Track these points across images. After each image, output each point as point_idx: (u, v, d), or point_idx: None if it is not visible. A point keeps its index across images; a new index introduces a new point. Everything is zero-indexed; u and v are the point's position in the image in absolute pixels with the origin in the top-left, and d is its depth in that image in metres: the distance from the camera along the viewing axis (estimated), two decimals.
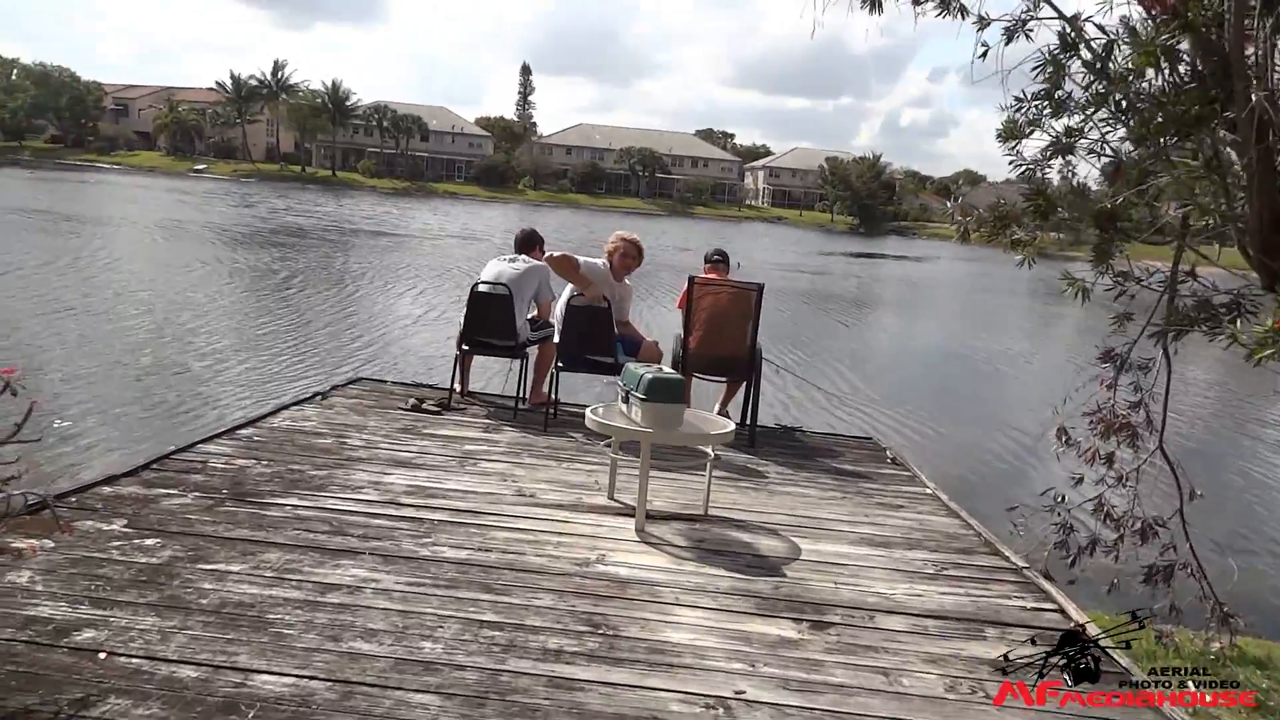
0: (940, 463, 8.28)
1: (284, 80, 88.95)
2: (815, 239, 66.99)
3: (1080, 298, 4.20)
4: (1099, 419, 4.14)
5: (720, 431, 4.09)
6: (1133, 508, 4.28)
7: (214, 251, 23.70)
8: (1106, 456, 4.29)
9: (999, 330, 23.17)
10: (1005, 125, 4.20)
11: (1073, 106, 4.10)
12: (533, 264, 6.43)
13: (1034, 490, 7.94)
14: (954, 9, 4.30)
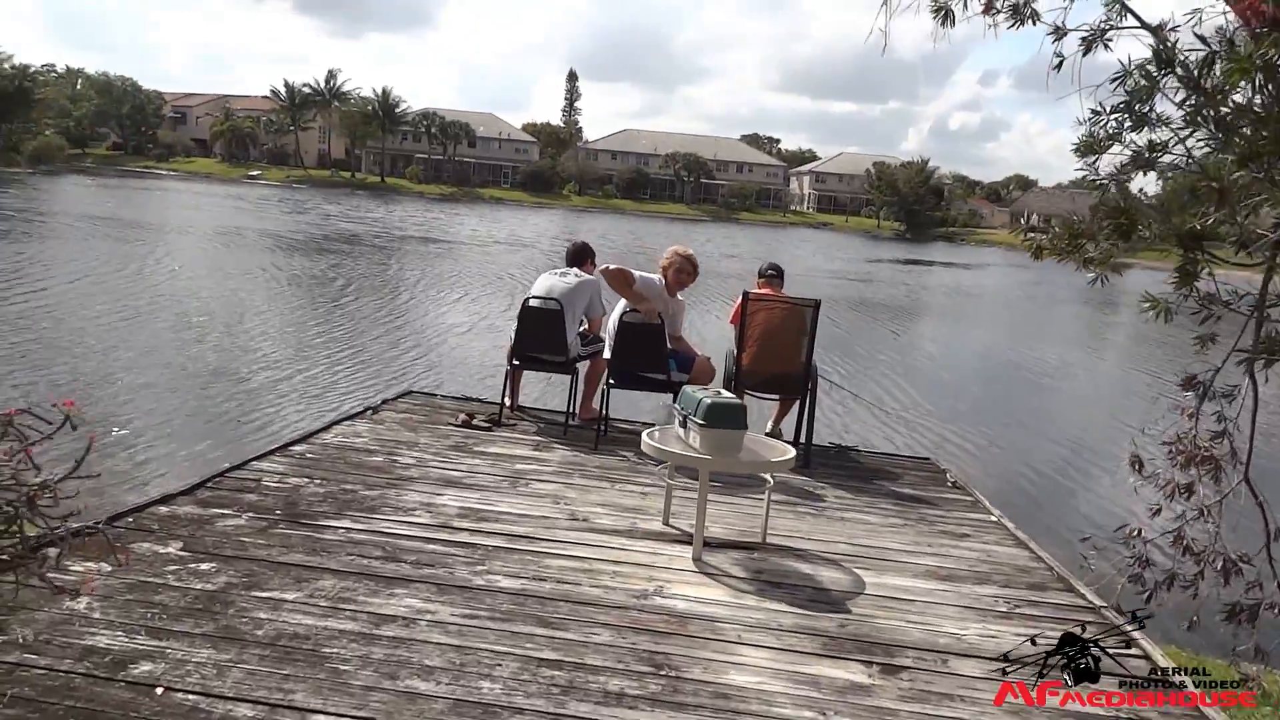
0: (1000, 485, 8.03)
1: (336, 88, 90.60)
2: (861, 245, 66.23)
3: (1163, 317, 4.02)
4: (1179, 450, 3.93)
5: (781, 459, 3.96)
6: (1214, 543, 4.06)
7: (270, 259, 24.13)
8: (1186, 488, 4.07)
9: (1054, 340, 22.61)
10: (1083, 140, 4.03)
11: (1155, 120, 3.93)
12: (584, 278, 6.36)
13: (1101, 514, 7.70)
14: (1028, 17, 4.16)
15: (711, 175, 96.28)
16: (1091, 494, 8.65)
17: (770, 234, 72.17)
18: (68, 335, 12.16)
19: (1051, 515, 7.59)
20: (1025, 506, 7.53)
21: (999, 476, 8.65)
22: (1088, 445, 10.71)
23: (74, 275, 17.79)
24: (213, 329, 13.47)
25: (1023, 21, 4.20)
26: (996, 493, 6.58)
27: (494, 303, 19.07)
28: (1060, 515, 7.66)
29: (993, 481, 7.99)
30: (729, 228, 76.44)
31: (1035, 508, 7.79)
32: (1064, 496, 8.43)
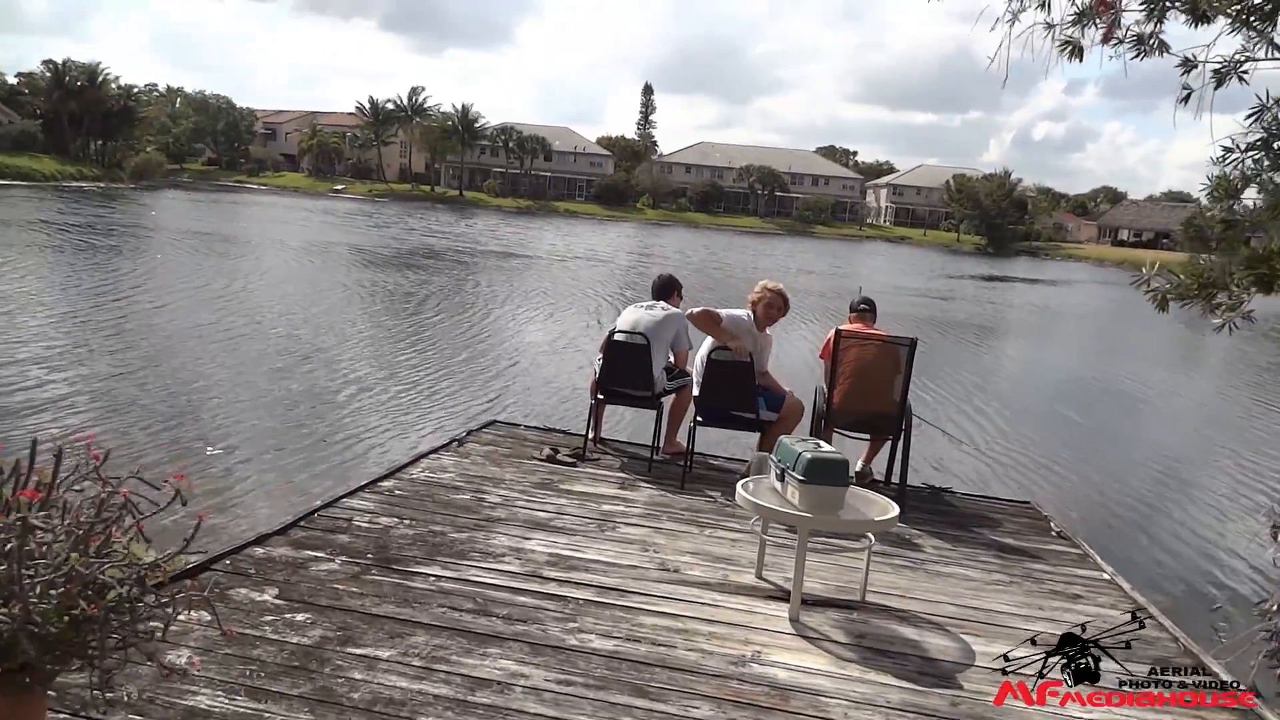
0: (1107, 533, 7.61)
1: (419, 104, 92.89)
2: (940, 260, 64.75)
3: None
4: None
5: (884, 517, 3.78)
6: None
7: (360, 275, 24.72)
8: None
9: (1153, 362, 21.61)
10: (1217, 182, 3.77)
11: None
12: (671, 311, 6.27)
13: (1223, 572, 7.23)
14: (1154, 49, 3.93)
15: (786, 188, 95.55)
16: (1208, 545, 8.12)
17: (846, 248, 71.15)
18: (170, 351, 12.61)
19: (1168, 568, 7.15)
20: (1137, 558, 7.10)
21: (1101, 520, 8.20)
22: (1198, 483, 10.14)
23: (177, 291, 18.52)
24: (304, 346, 13.79)
25: (1148, 53, 3.98)
26: (1100, 539, 6.22)
27: (576, 320, 19.14)
28: (1179, 568, 7.22)
29: (1094, 527, 7.57)
30: (803, 241, 75.66)
31: (1148, 560, 7.34)
32: (1179, 545, 7.93)
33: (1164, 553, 7.77)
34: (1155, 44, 3.91)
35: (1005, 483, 9.00)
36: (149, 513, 2.17)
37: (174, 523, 2.63)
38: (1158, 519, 8.72)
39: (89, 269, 20.99)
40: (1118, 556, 5.78)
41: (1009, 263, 68.77)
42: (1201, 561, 7.61)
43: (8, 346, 11.98)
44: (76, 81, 72.24)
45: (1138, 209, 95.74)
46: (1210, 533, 8.45)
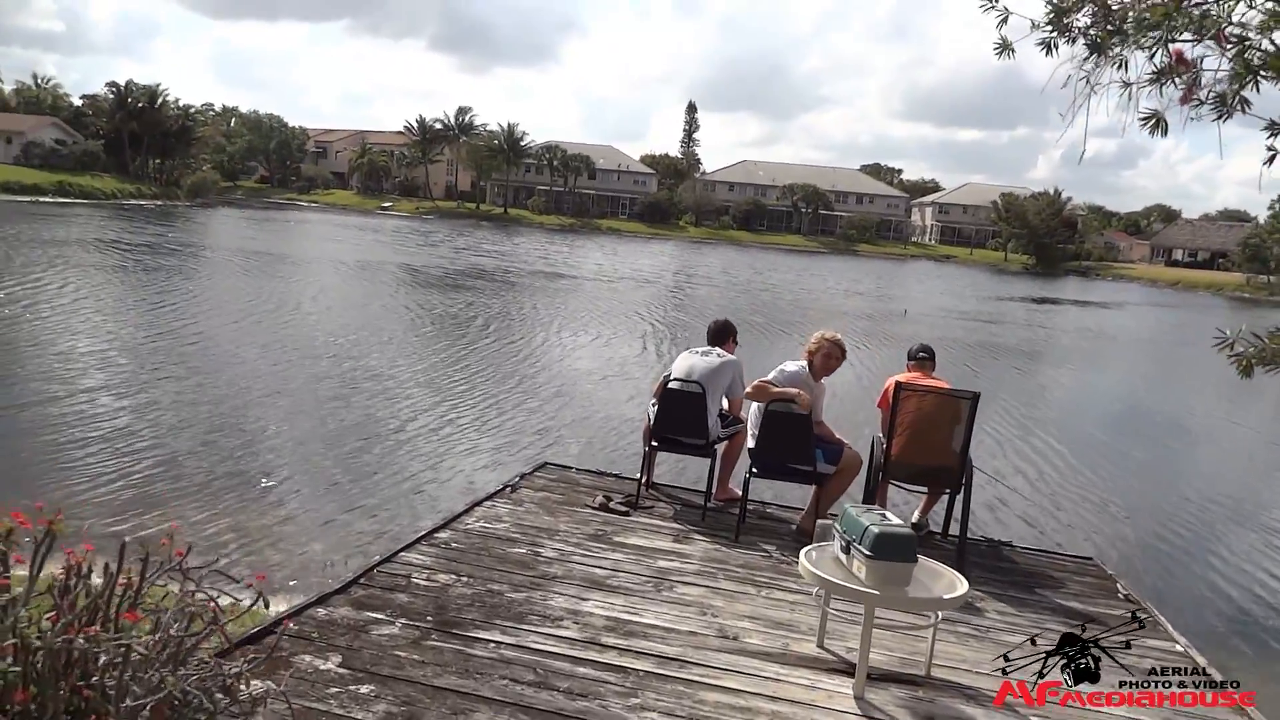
0: (1178, 590, 7.37)
1: (465, 123, 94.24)
2: (987, 280, 63.82)
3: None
4: None
5: (952, 595, 3.69)
6: None
7: (412, 296, 25.07)
8: None
9: (1214, 394, 20.99)
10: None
11: None
12: (726, 358, 6.24)
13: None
14: (1235, 108, 3.81)
15: (830, 206, 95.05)
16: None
17: (890, 267, 70.50)
18: (228, 378, 12.87)
19: (1239, 631, 6.89)
20: (1216, 625, 6.86)
21: (1177, 579, 7.94)
22: (1262, 525, 9.80)
23: (236, 313, 18.94)
24: (359, 373, 13.99)
25: (1230, 114, 3.87)
26: (1178, 606, 6.03)
27: (625, 346, 19.18)
28: (1251, 632, 6.96)
29: (1168, 586, 7.34)
30: (847, 260, 75.13)
31: (1227, 627, 7.08)
32: (1261, 609, 7.64)
33: (1236, 608, 7.49)
34: (1238, 103, 3.81)
35: (1062, 528, 8.78)
36: (228, 617, 2.18)
37: (236, 571, 2.66)
38: (1230, 570, 8.42)
39: (155, 291, 21.57)
40: (1190, 617, 5.59)
41: (1058, 283, 67.58)
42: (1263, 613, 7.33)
43: (76, 375, 12.33)
44: (138, 103, 74.52)
45: (1192, 228, 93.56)
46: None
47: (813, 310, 31.14)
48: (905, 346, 6.95)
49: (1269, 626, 7.26)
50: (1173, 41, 3.82)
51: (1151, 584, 7.27)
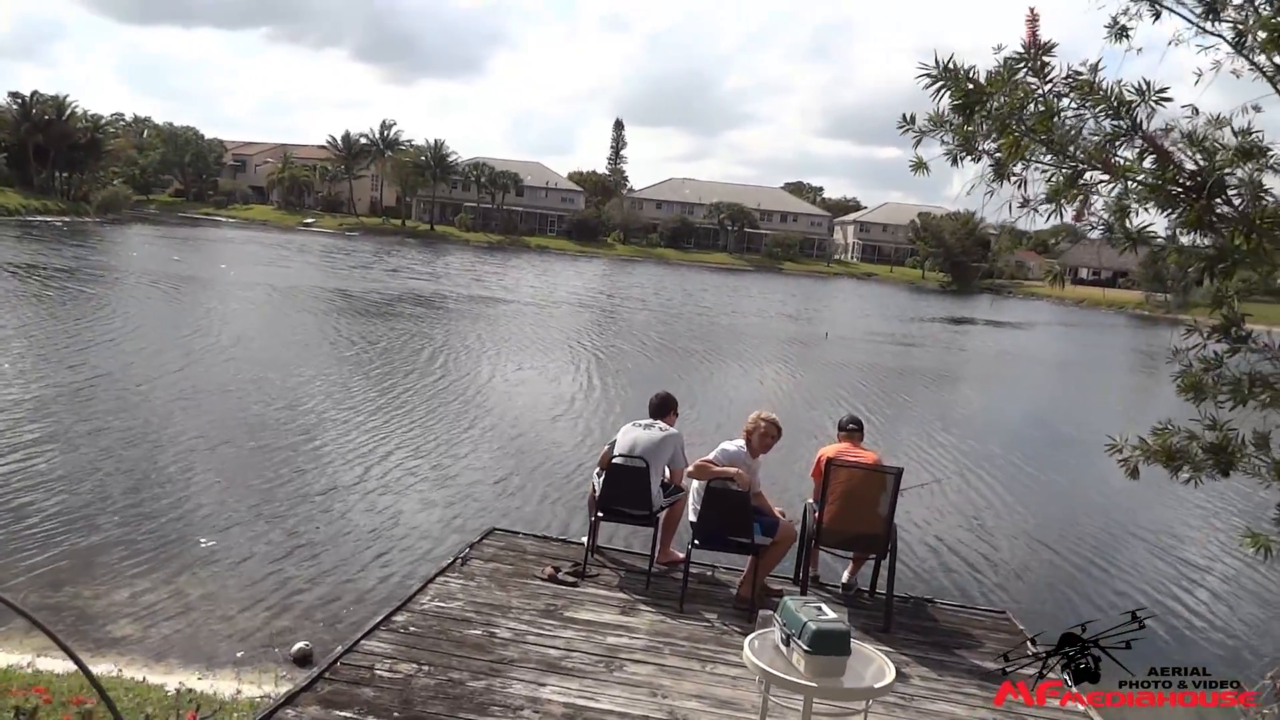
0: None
1: (391, 138, 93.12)
2: (907, 299, 65.97)
3: (1263, 554, 4.09)
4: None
5: (882, 684, 4.06)
6: None
7: (351, 327, 24.80)
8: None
9: (1123, 418, 22.23)
10: (1186, 380, 4.14)
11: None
12: (669, 432, 6.56)
13: None
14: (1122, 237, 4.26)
15: (755, 224, 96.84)
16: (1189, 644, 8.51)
17: (815, 286, 72.24)
18: (157, 428, 12.65)
19: None
20: None
21: (1070, 615, 8.57)
22: (1171, 573, 10.59)
23: (160, 353, 18.47)
24: (296, 419, 13.88)
25: (1117, 242, 4.34)
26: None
27: (571, 381, 19.39)
28: None
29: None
30: (773, 278, 76.69)
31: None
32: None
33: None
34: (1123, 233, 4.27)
35: (980, 572, 9.36)
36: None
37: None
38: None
39: (82, 323, 20.88)
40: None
41: (973, 301, 70.19)
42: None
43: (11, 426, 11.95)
44: (44, 115, 71.59)
45: (1097, 249, 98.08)
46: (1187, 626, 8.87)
47: (747, 335, 31.91)
48: (826, 372, 7.42)
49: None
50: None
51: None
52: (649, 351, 25.50)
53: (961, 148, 4.61)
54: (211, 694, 5.76)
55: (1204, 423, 4.02)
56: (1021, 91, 3.42)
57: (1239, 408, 4.05)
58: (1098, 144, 3.68)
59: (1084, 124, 3.67)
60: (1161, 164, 3.39)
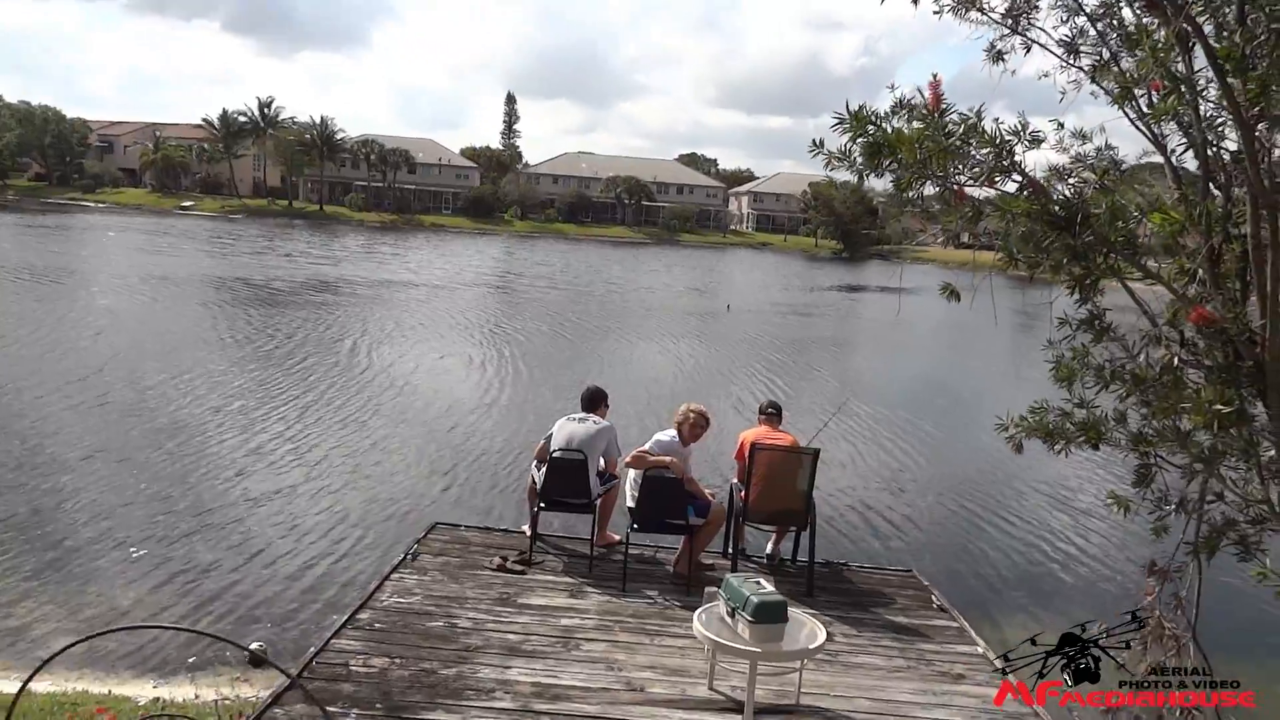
0: (968, 589, 8.86)
1: (272, 116, 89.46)
2: (802, 267, 67.98)
3: (1123, 513, 4.84)
4: (1143, 634, 4.74)
5: (815, 644, 4.65)
6: None
7: (264, 319, 24.00)
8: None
9: (1007, 379, 23.81)
10: (1061, 370, 4.82)
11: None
12: (602, 425, 7.01)
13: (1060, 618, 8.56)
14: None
15: (652, 197, 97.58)
16: (1048, 589, 9.55)
17: (713, 257, 73.50)
18: (53, 435, 12.30)
19: (1015, 621, 8.44)
20: (994, 615, 8.36)
21: (968, 575, 9.50)
22: (1039, 526, 11.71)
23: (40, 363, 17.71)
24: (215, 423, 13.67)
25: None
26: (969, 604, 7.42)
27: (495, 370, 19.38)
28: (1023, 618, 8.53)
29: (963, 583, 8.83)
30: (672, 250, 77.61)
31: (1002, 614, 8.62)
32: (1021, 594, 9.32)
33: (1006, 598, 9.12)
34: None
35: (882, 531, 10.20)
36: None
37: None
38: (1002, 566, 10.13)
39: None
40: (977, 614, 6.92)
41: (864, 268, 72.87)
42: (1037, 606, 8.99)
43: None
44: None
45: None
46: (1044, 570, 9.93)
47: (657, 310, 32.60)
48: (730, 346, 7.99)
49: (1039, 605, 8.90)
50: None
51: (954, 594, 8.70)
52: (569, 333, 25.83)
53: (866, 168, 5.18)
54: (180, 701, 5.93)
55: (1073, 402, 4.70)
56: (924, 142, 3.94)
57: (1102, 390, 4.77)
58: (980, 175, 4.27)
59: (969, 160, 4.26)
60: (1037, 196, 3.99)
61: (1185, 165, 4.74)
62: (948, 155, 3.92)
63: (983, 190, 4.47)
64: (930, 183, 4.64)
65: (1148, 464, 4.84)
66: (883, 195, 5.44)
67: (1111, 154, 4.30)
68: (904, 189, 4.32)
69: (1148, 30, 4.27)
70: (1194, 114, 4.28)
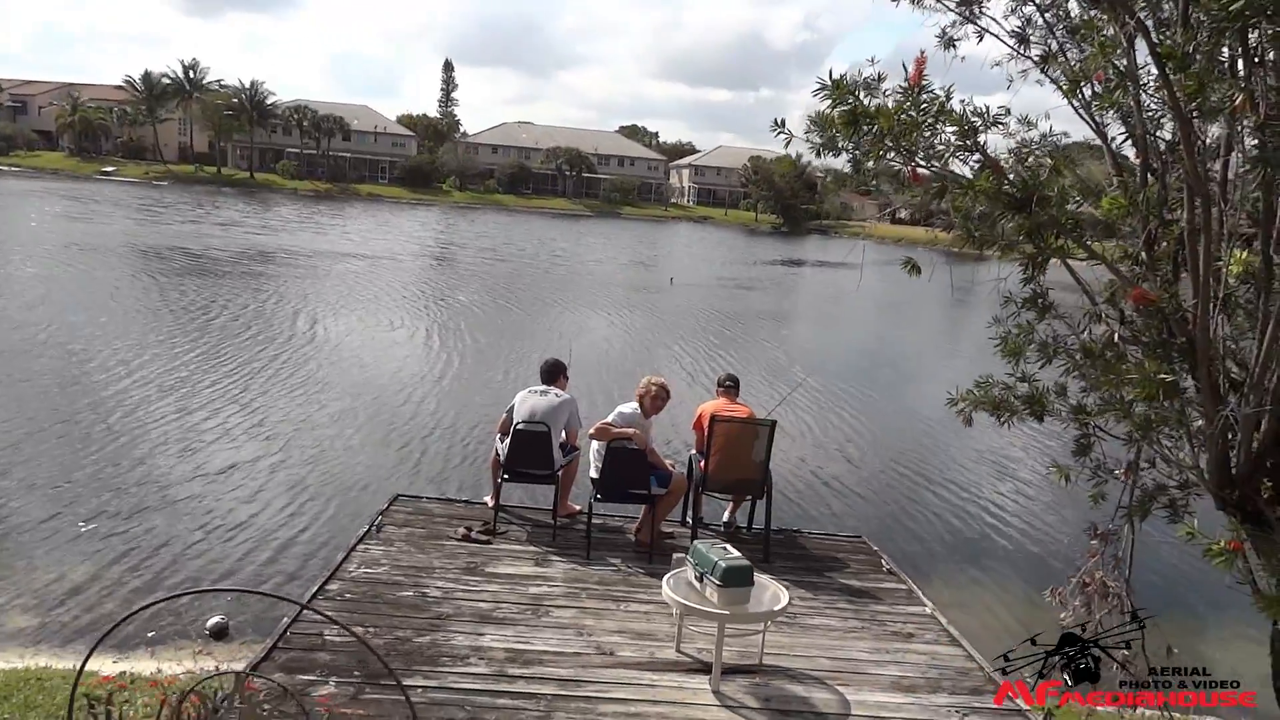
0: (914, 553, 9.26)
1: (198, 79, 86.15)
2: (742, 242, 68.50)
3: (1064, 481, 5.16)
4: (1085, 590, 5.09)
5: (779, 606, 4.89)
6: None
7: (211, 291, 23.20)
8: (1078, 608, 5.25)
9: (945, 353, 24.55)
10: (1008, 346, 5.10)
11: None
12: (564, 397, 7.13)
13: (1001, 583, 9.03)
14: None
15: (593, 169, 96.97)
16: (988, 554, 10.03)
17: (655, 230, 73.59)
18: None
19: (955, 579, 8.87)
20: (937, 573, 8.78)
21: (913, 540, 9.91)
22: (971, 485, 12.24)
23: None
24: (166, 397, 13.37)
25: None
26: (915, 563, 7.80)
27: (453, 343, 19.19)
28: (966, 579, 8.97)
29: (910, 548, 9.24)
30: (614, 224, 77.45)
31: (946, 575, 9.06)
32: (963, 556, 9.79)
33: (948, 558, 9.57)
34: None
35: (830, 495, 10.57)
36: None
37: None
38: (940, 524, 10.61)
39: None
40: (922, 571, 7.28)
41: (803, 243, 73.75)
42: (981, 569, 9.46)
43: None
44: None
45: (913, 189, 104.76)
46: (983, 530, 10.42)
47: (607, 284, 32.70)
48: (674, 318, 8.17)
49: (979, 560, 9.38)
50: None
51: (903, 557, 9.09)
52: (517, 305, 25.70)
53: (826, 147, 5.36)
54: (144, 675, 5.91)
55: (1016, 377, 4.99)
56: (902, 116, 4.11)
57: (1046, 365, 5.07)
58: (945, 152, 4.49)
59: (935, 138, 4.48)
60: (997, 177, 4.22)
61: (1124, 154, 5.05)
62: (918, 130, 4.11)
63: (934, 169, 4.69)
64: (897, 156, 4.79)
65: (1087, 434, 5.19)
66: (823, 171, 5.62)
67: (1058, 139, 4.55)
68: (876, 157, 4.50)
69: (1095, 23, 4.52)
70: (1135, 105, 4.57)
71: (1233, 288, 4.09)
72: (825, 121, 4.67)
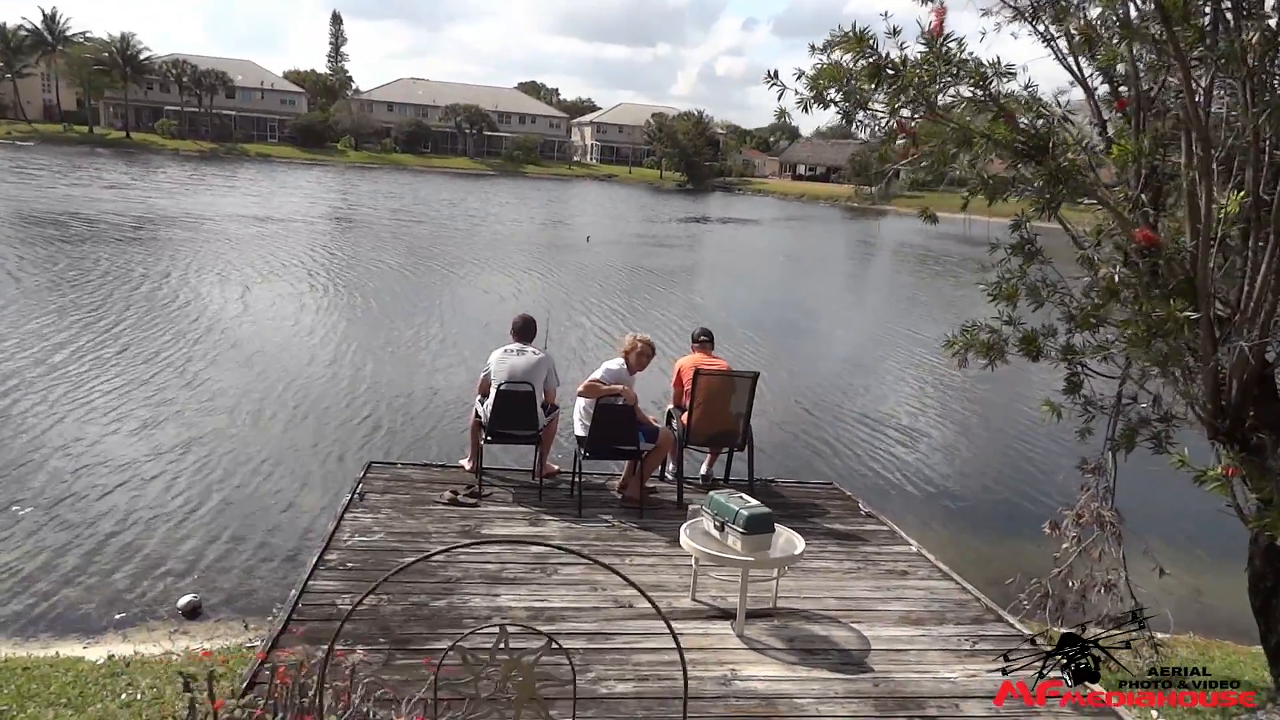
0: (884, 496, 9.59)
1: (60, 30, 79.94)
2: (649, 199, 68.42)
3: (1055, 417, 5.43)
4: (1079, 519, 5.39)
5: (797, 551, 5.01)
6: (1091, 571, 5.61)
7: (125, 260, 21.47)
8: (1075, 539, 5.57)
9: (864, 310, 25.19)
10: (1005, 290, 5.28)
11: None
12: (541, 355, 7.06)
13: (993, 523, 9.44)
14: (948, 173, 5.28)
15: (494, 127, 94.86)
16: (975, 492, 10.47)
17: (561, 189, 72.75)
18: None
19: (932, 519, 9.24)
20: (919, 517, 9.12)
21: (878, 483, 10.25)
22: (921, 429, 12.73)
23: None
24: (123, 375, 12.53)
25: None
26: (884, 503, 8.10)
27: (393, 314, 18.33)
28: (946, 521, 9.35)
29: (878, 492, 9.57)
30: (519, 182, 76.15)
31: (929, 515, 9.41)
32: (941, 498, 10.19)
33: (932, 503, 9.97)
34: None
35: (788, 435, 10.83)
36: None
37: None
38: (916, 469, 11.03)
39: None
40: (901, 516, 7.58)
41: (708, 200, 74.17)
42: (964, 512, 9.89)
43: None
44: None
45: (812, 146, 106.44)
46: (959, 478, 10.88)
47: (531, 245, 32.33)
48: (598, 277, 8.16)
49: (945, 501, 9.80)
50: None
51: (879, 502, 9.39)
52: (448, 266, 25.02)
53: (815, 99, 5.40)
54: (143, 657, 5.65)
55: (1003, 320, 5.20)
56: (924, 69, 4.17)
57: (1038, 309, 5.29)
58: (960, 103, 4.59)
59: (947, 89, 4.57)
60: (1009, 126, 4.34)
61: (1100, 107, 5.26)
62: (936, 82, 4.19)
63: (949, 121, 4.79)
64: (919, 108, 4.79)
65: (1076, 373, 5.47)
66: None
67: (1062, 95, 4.72)
68: (893, 110, 4.56)
69: None
70: (1129, 55, 4.77)
71: (1228, 228, 4.35)
72: (838, 74, 4.70)
